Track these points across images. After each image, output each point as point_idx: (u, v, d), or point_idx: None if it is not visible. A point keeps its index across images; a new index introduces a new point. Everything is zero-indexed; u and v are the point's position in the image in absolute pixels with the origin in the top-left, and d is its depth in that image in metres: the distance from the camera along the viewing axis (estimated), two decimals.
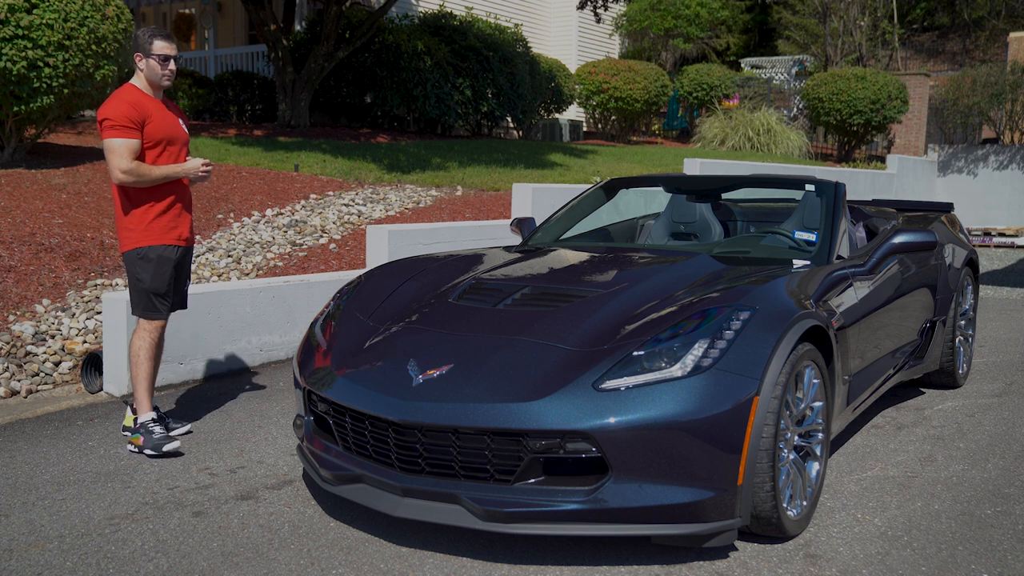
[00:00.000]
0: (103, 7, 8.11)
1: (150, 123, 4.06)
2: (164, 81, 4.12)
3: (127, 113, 3.98)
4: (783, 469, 3.14)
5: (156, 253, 4.14)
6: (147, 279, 4.14)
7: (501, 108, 15.63)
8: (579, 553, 3.08)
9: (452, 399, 2.99)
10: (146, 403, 4.19)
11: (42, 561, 3.03)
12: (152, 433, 4.10)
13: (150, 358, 4.21)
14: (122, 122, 3.97)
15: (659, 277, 3.71)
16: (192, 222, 4.33)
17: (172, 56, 4.10)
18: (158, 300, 4.18)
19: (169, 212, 4.18)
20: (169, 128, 4.15)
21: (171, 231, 4.18)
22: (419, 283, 4.01)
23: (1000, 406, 5.01)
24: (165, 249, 4.16)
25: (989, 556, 3.11)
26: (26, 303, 5.77)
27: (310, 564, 3.01)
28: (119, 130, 3.97)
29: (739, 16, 30.11)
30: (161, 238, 4.15)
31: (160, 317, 4.21)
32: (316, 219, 8.18)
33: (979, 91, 18.41)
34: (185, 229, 4.26)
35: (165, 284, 4.18)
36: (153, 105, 4.11)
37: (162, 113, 4.14)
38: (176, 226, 4.21)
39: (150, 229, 4.13)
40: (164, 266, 4.16)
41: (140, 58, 4.09)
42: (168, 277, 4.18)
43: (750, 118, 17.04)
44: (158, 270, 4.15)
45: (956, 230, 5.68)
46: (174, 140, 4.18)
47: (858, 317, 3.93)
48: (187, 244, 4.29)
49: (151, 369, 4.22)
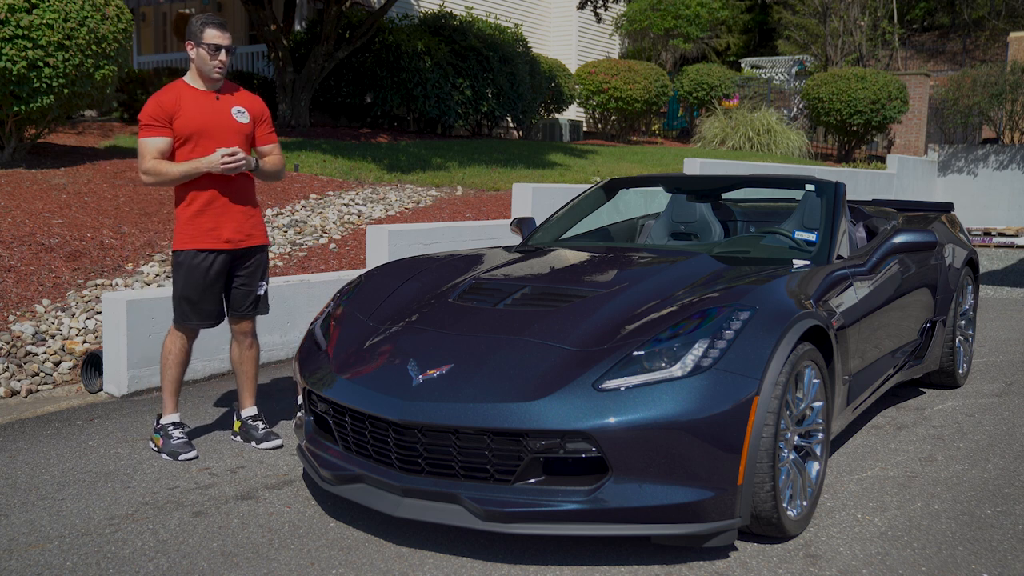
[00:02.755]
0: (103, 7, 8.12)
1: (179, 117, 3.87)
2: (215, 72, 3.90)
3: (151, 111, 3.87)
4: (783, 469, 3.14)
5: (188, 258, 3.96)
6: (179, 284, 4.00)
7: (501, 108, 15.63)
8: (579, 553, 3.08)
9: (452, 399, 2.99)
10: (169, 405, 4.12)
11: (42, 561, 3.03)
12: (171, 438, 4.06)
13: (176, 364, 4.09)
14: (147, 121, 3.87)
15: (659, 277, 3.70)
16: (244, 222, 4.03)
17: (224, 46, 3.89)
18: (188, 307, 4.00)
19: (207, 212, 3.94)
20: (204, 121, 3.90)
21: (208, 233, 3.94)
22: (419, 283, 4.01)
23: (1000, 406, 5.01)
24: (197, 254, 3.96)
25: (989, 556, 3.11)
26: (26, 303, 5.77)
27: (310, 564, 3.01)
28: (144, 129, 3.88)
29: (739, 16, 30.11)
30: (194, 241, 3.95)
31: (187, 325, 4.04)
32: (316, 219, 8.18)
33: (979, 91, 18.41)
34: (228, 230, 3.98)
35: (198, 292, 3.97)
36: (192, 98, 3.91)
37: (200, 106, 3.91)
38: (216, 226, 3.95)
39: (184, 231, 3.95)
40: (195, 273, 3.96)
41: (191, 47, 3.90)
42: (201, 284, 3.97)
43: (750, 118, 17.04)
44: (189, 276, 3.96)
45: (956, 230, 5.68)
46: (211, 134, 3.91)
47: (858, 317, 3.93)
48: (233, 246, 4.01)
49: (176, 375, 4.10)
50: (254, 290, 4.15)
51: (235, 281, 4.11)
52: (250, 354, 4.22)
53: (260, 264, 4.16)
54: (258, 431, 4.19)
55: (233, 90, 4.09)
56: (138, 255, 6.64)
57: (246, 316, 4.16)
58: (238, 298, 4.13)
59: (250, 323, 4.20)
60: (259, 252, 4.15)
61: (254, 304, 4.17)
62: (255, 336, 4.24)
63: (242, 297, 4.13)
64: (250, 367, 4.24)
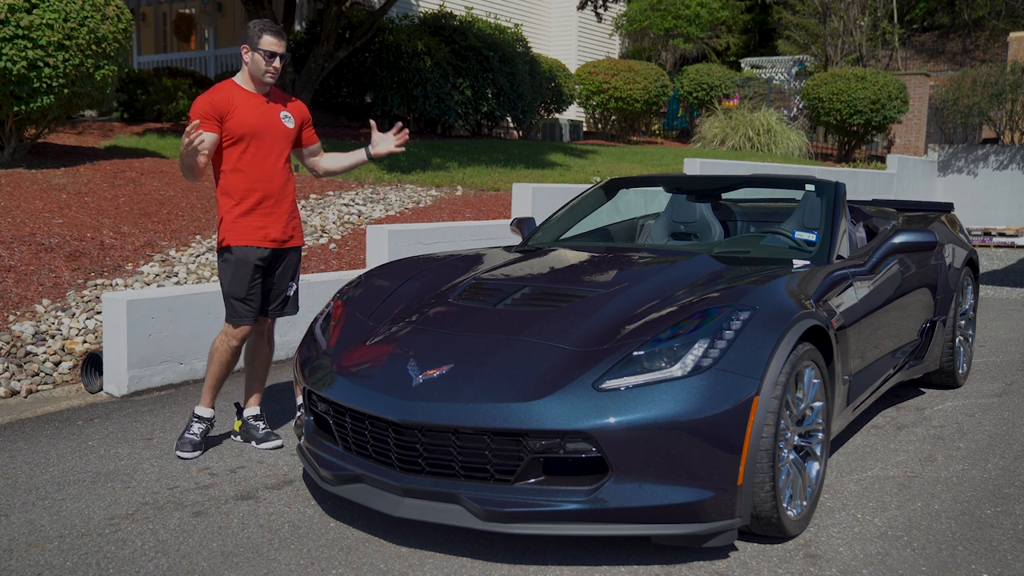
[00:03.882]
0: (103, 7, 8.11)
1: (231, 118, 3.91)
2: (267, 77, 3.97)
3: (202, 108, 3.89)
4: (783, 469, 3.14)
5: (236, 254, 3.98)
6: (225, 281, 4.03)
7: (501, 108, 15.63)
8: (579, 553, 3.08)
9: (452, 399, 2.99)
10: (206, 399, 4.16)
11: (42, 561, 3.03)
12: (188, 428, 4.13)
13: (222, 363, 4.10)
14: (197, 116, 3.89)
15: (659, 277, 3.71)
16: (288, 222, 4.10)
17: (279, 54, 3.95)
18: (238, 304, 4.01)
19: (256, 211, 3.99)
20: (256, 123, 3.96)
21: (256, 231, 3.99)
22: (419, 283, 4.01)
23: (1000, 406, 5.01)
24: (246, 250, 3.98)
25: (989, 556, 3.11)
26: (26, 303, 5.77)
27: (310, 564, 3.01)
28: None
29: (739, 16, 30.11)
30: (242, 238, 3.97)
31: (241, 323, 4.05)
32: (316, 219, 8.18)
33: (979, 91, 18.41)
34: (275, 229, 4.03)
35: (244, 288, 3.99)
36: (243, 99, 3.97)
37: (252, 108, 3.97)
38: (263, 225, 4.00)
39: (233, 228, 3.98)
40: (243, 269, 3.98)
41: (246, 51, 3.96)
42: (247, 281, 3.99)
43: (750, 118, 17.04)
44: (237, 272, 3.99)
45: (956, 230, 5.68)
46: (262, 136, 3.98)
47: (858, 317, 3.93)
48: (277, 246, 4.07)
49: (219, 372, 4.12)
50: (284, 290, 4.20)
51: (268, 280, 4.14)
52: (263, 352, 4.26)
53: (293, 264, 4.22)
54: (259, 431, 4.20)
55: (280, 95, 4.16)
56: (138, 255, 6.64)
57: (271, 315, 4.21)
58: (267, 297, 4.16)
59: (270, 322, 4.25)
60: (295, 253, 4.21)
61: (282, 304, 4.22)
62: (272, 337, 4.30)
63: (272, 296, 4.17)
64: (261, 366, 4.28)
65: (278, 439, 4.20)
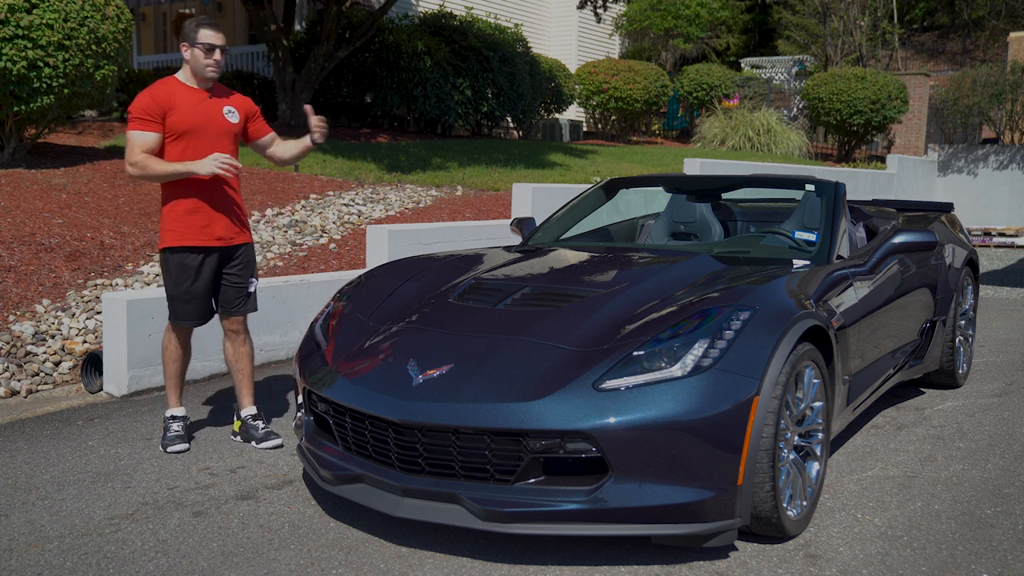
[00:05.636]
0: (103, 7, 8.12)
1: (173, 114, 3.90)
2: (209, 72, 3.95)
3: (144, 105, 3.89)
4: (783, 469, 3.14)
5: (175, 255, 4.01)
6: (168, 282, 4.06)
7: (501, 108, 15.62)
8: (579, 553, 3.08)
9: (452, 399, 2.99)
10: (171, 399, 4.22)
11: (42, 561, 3.03)
12: (167, 430, 4.16)
13: (173, 360, 4.18)
14: (138, 114, 3.89)
15: (659, 277, 3.70)
16: (234, 219, 4.08)
17: (218, 46, 3.94)
18: (179, 306, 4.06)
19: (200, 210, 3.98)
20: (197, 120, 3.95)
21: (201, 230, 3.98)
22: (419, 283, 4.01)
23: (1000, 406, 5.01)
24: (189, 250, 4.00)
25: (989, 556, 3.11)
26: (26, 303, 5.77)
27: (310, 564, 3.01)
28: (134, 122, 3.90)
29: (739, 16, 30.11)
30: (184, 239, 3.98)
31: (182, 324, 4.09)
32: (316, 219, 8.18)
33: (979, 91, 18.41)
34: (220, 227, 4.02)
35: (183, 289, 4.03)
36: (186, 96, 3.96)
37: (194, 104, 3.96)
38: (208, 224, 3.99)
39: (174, 229, 3.99)
40: (184, 271, 4.01)
41: (186, 48, 3.95)
42: (188, 282, 4.02)
43: (750, 118, 17.04)
44: (178, 274, 4.02)
45: (956, 230, 5.68)
46: (204, 132, 3.96)
47: (858, 317, 3.93)
48: (224, 243, 4.06)
49: (176, 370, 4.19)
50: (245, 286, 4.18)
51: (225, 279, 4.14)
52: (244, 351, 4.25)
53: (249, 260, 4.20)
54: (258, 431, 4.20)
55: (224, 90, 4.15)
56: (138, 255, 6.64)
57: (237, 313, 4.18)
58: (229, 295, 4.16)
59: (241, 320, 4.22)
60: (247, 249, 4.20)
61: (244, 300, 4.19)
62: (248, 332, 4.27)
63: (233, 294, 4.16)
64: (246, 364, 4.26)
65: (278, 438, 4.20)
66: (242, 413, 4.26)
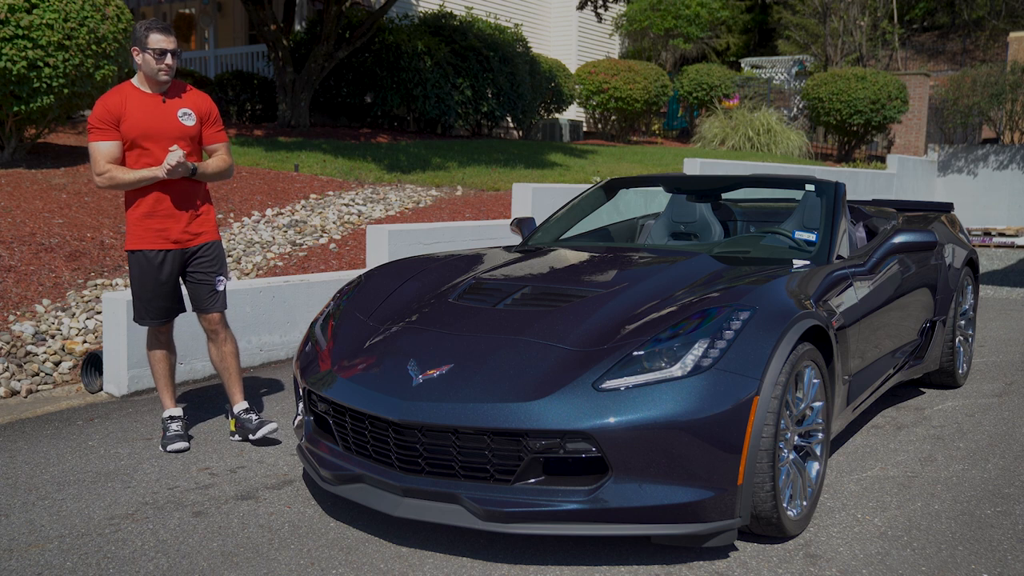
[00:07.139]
0: (103, 7, 8.12)
1: (125, 121, 3.91)
2: (161, 76, 3.93)
3: (99, 115, 3.90)
4: (783, 469, 3.14)
5: (137, 257, 4.05)
6: (133, 283, 4.11)
7: (501, 108, 15.63)
8: (579, 553, 3.08)
9: (452, 399, 2.99)
10: (164, 400, 4.27)
11: (42, 561, 3.03)
12: (166, 430, 4.19)
13: (158, 360, 4.24)
14: (96, 124, 3.91)
15: (659, 277, 3.70)
16: (190, 222, 4.08)
17: (169, 50, 3.91)
18: (140, 304, 4.11)
19: (155, 214, 4.01)
20: (148, 125, 3.93)
21: (157, 234, 4.02)
22: (419, 283, 4.01)
23: (1000, 406, 5.01)
24: (147, 253, 4.04)
25: (989, 556, 3.11)
26: (26, 303, 5.77)
27: (310, 564, 3.01)
28: (93, 133, 3.92)
29: (739, 16, 30.09)
30: (143, 242, 4.03)
31: (145, 324, 4.16)
32: (316, 219, 8.18)
33: (979, 91, 18.41)
34: (175, 231, 4.04)
35: (147, 289, 4.07)
36: (138, 102, 3.95)
37: (147, 110, 3.94)
38: (163, 228, 4.02)
39: (134, 232, 4.04)
40: (146, 273, 4.05)
41: (137, 53, 3.93)
42: (151, 283, 4.06)
43: (750, 118, 17.04)
44: (141, 275, 4.06)
45: (956, 230, 5.68)
46: (158, 137, 3.94)
47: (858, 317, 3.93)
48: (180, 247, 4.07)
49: (163, 370, 4.24)
50: (212, 284, 4.17)
51: (191, 277, 4.16)
52: (227, 349, 4.26)
53: (215, 257, 4.18)
54: (251, 422, 4.22)
55: (180, 91, 4.10)
56: None
57: (209, 310, 4.19)
58: (198, 293, 4.18)
59: (218, 316, 4.21)
60: (213, 247, 4.19)
61: (214, 298, 4.19)
62: (227, 328, 4.27)
63: (202, 292, 4.17)
64: (231, 362, 4.27)
65: (272, 423, 4.23)
66: (234, 410, 4.29)
